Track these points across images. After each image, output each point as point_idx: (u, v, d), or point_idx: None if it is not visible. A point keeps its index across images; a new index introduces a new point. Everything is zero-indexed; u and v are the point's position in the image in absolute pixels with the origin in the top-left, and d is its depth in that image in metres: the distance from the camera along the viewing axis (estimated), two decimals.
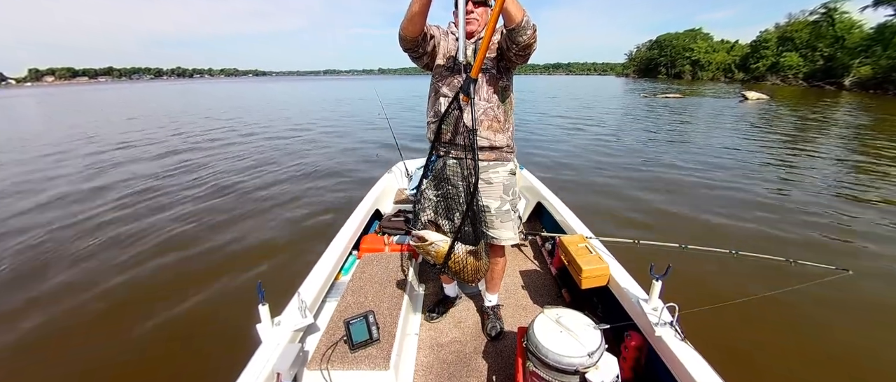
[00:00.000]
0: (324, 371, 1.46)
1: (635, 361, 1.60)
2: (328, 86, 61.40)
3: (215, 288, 3.13)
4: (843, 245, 3.84)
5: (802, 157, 7.67)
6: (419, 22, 1.41)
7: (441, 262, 1.52)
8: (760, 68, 48.09)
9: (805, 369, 2.30)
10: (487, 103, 1.58)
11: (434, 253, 1.52)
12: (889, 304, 2.87)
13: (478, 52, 1.32)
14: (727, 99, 23.15)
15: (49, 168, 7.36)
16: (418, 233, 1.54)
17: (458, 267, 1.54)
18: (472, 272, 1.56)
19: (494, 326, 1.91)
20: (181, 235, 4.13)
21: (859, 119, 13.87)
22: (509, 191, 1.71)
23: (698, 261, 2.96)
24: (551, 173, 6.39)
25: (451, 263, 1.52)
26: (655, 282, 1.49)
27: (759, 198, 5.16)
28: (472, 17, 1.54)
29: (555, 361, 1.22)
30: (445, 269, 1.54)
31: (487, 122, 1.59)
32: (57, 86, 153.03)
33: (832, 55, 38.74)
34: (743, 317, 2.59)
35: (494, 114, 1.59)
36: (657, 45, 71.93)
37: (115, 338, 2.58)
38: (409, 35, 1.46)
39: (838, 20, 40.73)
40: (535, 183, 3.17)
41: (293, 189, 5.76)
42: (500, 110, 1.60)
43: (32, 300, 3.03)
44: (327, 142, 9.78)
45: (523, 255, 2.70)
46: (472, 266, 1.55)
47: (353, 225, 2.51)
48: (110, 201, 5.28)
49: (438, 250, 1.51)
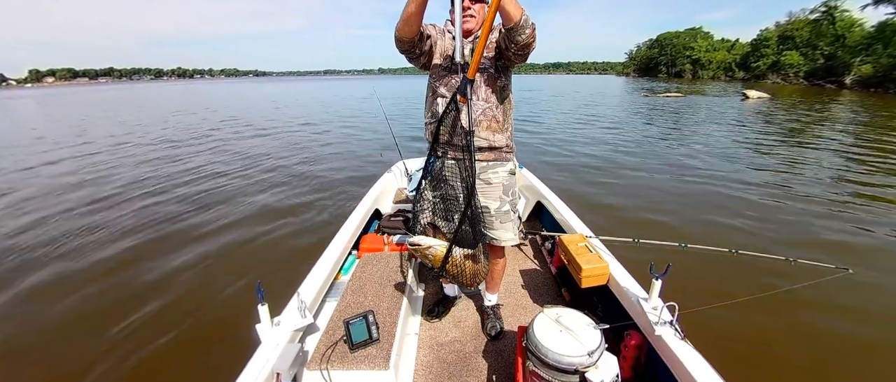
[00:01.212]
0: (323, 371, 1.46)
1: (635, 360, 1.60)
2: (328, 86, 61.40)
3: (215, 288, 3.13)
4: (844, 244, 3.83)
5: (803, 156, 7.66)
6: (415, 23, 1.40)
7: (439, 266, 1.52)
8: (761, 67, 48.03)
9: (805, 368, 2.30)
10: (486, 103, 1.56)
11: (431, 258, 1.52)
12: (890, 303, 2.86)
13: (475, 51, 1.30)
14: (728, 98, 23.12)
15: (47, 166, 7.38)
16: (414, 239, 1.53)
17: (456, 270, 1.53)
18: (471, 275, 1.56)
19: (494, 326, 1.91)
20: (181, 235, 4.14)
21: (860, 118, 13.85)
22: (509, 191, 1.70)
23: (698, 260, 2.96)
24: (551, 172, 6.39)
25: (448, 267, 1.52)
26: (655, 281, 1.49)
27: (759, 197, 5.15)
28: (468, 14, 1.51)
29: (555, 360, 1.22)
30: (443, 273, 1.54)
31: (486, 122, 1.58)
32: (57, 87, 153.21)
33: (833, 54, 38.67)
34: (743, 316, 2.58)
35: (493, 114, 1.58)
36: (658, 44, 71.86)
37: (115, 338, 2.58)
38: (405, 36, 1.44)
39: (839, 18, 40.67)
40: (534, 182, 3.17)
41: (293, 189, 5.76)
42: (499, 110, 1.59)
43: (27, 298, 3.04)
44: (327, 142, 9.79)
45: (523, 255, 2.70)
46: (470, 269, 1.54)
47: (353, 225, 2.50)
48: (107, 201, 5.29)
49: (435, 254, 1.51)
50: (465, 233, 1.52)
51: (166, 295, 3.03)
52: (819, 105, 18.36)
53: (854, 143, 8.94)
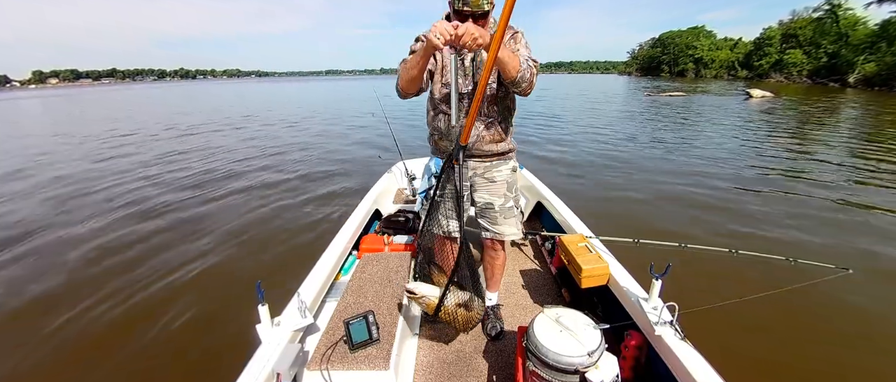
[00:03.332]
0: (323, 372, 1.46)
1: (635, 360, 1.60)
2: (331, 86, 61.46)
3: (214, 288, 3.14)
4: (844, 243, 3.81)
5: (805, 155, 7.63)
6: (418, 81, 1.45)
7: (432, 313, 1.58)
8: (764, 66, 47.74)
9: (805, 368, 2.29)
10: (487, 119, 1.59)
11: (425, 305, 1.58)
12: (890, 303, 2.85)
13: (468, 115, 1.29)
14: (731, 97, 23.03)
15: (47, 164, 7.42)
16: (410, 286, 1.59)
17: (449, 318, 1.60)
18: (463, 322, 1.61)
19: (494, 326, 1.92)
20: (180, 235, 4.15)
21: (864, 116, 13.78)
22: (512, 187, 1.75)
23: (698, 260, 2.95)
24: (551, 172, 6.38)
25: (441, 314, 1.58)
26: (655, 281, 1.49)
27: (760, 197, 5.14)
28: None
29: (555, 360, 1.22)
30: (436, 319, 1.61)
31: (488, 136, 1.61)
32: (61, 88, 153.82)
33: (836, 52, 38.37)
34: (743, 316, 2.58)
35: (495, 128, 1.61)
36: (660, 44, 71.58)
37: (115, 338, 2.60)
38: (409, 92, 1.50)
39: (842, 17, 40.35)
40: (534, 182, 3.16)
41: (293, 188, 5.78)
42: (501, 121, 1.62)
43: (31, 301, 3.06)
44: (327, 142, 9.81)
45: (523, 255, 2.70)
46: (462, 317, 1.59)
47: (353, 225, 2.51)
48: (104, 201, 5.32)
49: (429, 303, 1.57)
50: (462, 278, 1.59)
51: (166, 295, 3.04)
52: (822, 104, 18.26)
53: (857, 142, 8.89)
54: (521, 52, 1.45)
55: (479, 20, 1.33)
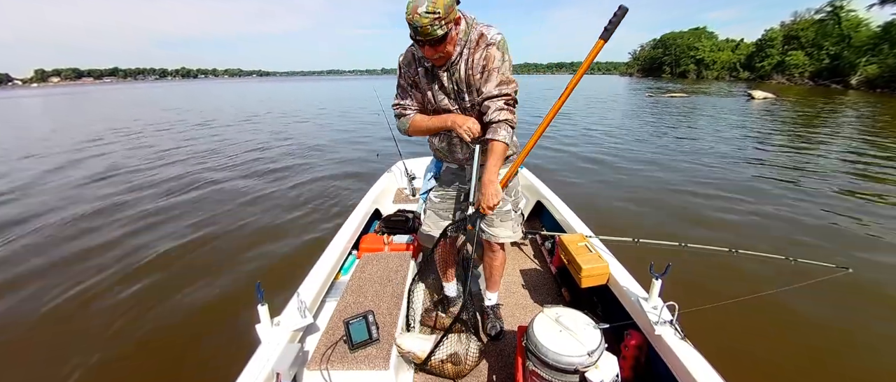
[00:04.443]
0: (323, 371, 1.46)
1: (635, 360, 1.60)
2: (332, 86, 61.52)
3: (214, 288, 3.14)
4: (844, 243, 3.81)
5: (806, 155, 7.61)
6: (424, 135, 1.62)
7: (421, 363, 1.60)
8: (766, 67, 47.65)
9: (805, 367, 2.29)
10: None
11: (413, 357, 1.60)
12: (891, 302, 2.84)
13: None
14: (733, 98, 23.00)
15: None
16: (398, 341, 1.61)
17: (438, 370, 1.61)
18: (454, 374, 1.62)
19: (494, 325, 1.92)
20: (179, 235, 4.15)
21: (865, 118, 13.74)
22: (512, 191, 1.73)
23: (698, 260, 2.95)
24: (551, 172, 6.37)
25: (430, 365, 1.60)
26: (655, 281, 1.49)
27: (760, 196, 5.13)
28: (436, 58, 1.38)
29: (554, 360, 1.22)
30: (425, 369, 1.63)
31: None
32: (63, 87, 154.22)
33: (838, 54, 38.28)
34: (743, 316, 2.57)
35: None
36: (661, 44, 71.47)
37: (114, 338, 2.60)
38: (413, 136, 1.64)
39: (844, 18, 40.25)
40: (535, 182, 3.16)
41: (293, 188, 5.79)
42: None
43: (26, 299, 3.07)
44: (327, 142, 9.81)
45: (523, 254, 2.70)
46: (451, 370, 1.60)
47: (353, 225, 2.51)
48: (104, 202, 5.33)
49: (416, 356, 1.59)
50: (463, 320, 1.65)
51: (165, 295, 3.04)
52: (824, 105, 18.22)
53: (858, 143, 8.87)
54: (490, 90, 1.39)
55: (436, 45, 1.30)
